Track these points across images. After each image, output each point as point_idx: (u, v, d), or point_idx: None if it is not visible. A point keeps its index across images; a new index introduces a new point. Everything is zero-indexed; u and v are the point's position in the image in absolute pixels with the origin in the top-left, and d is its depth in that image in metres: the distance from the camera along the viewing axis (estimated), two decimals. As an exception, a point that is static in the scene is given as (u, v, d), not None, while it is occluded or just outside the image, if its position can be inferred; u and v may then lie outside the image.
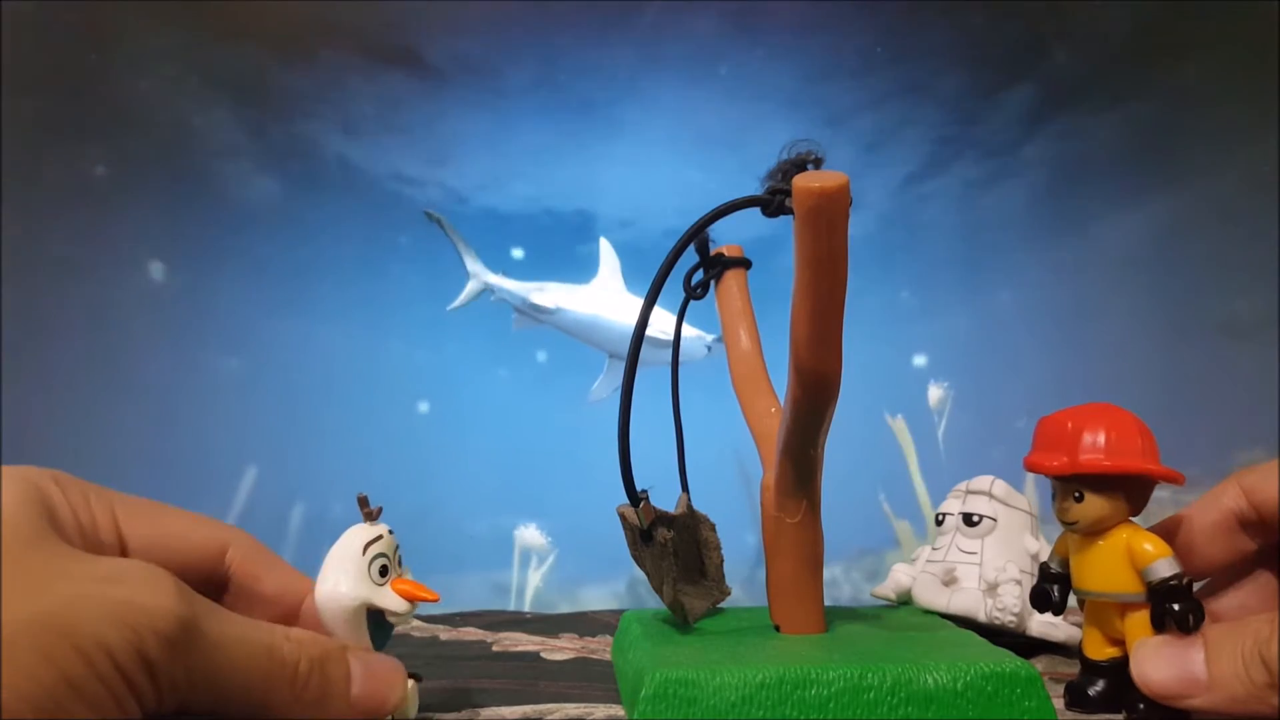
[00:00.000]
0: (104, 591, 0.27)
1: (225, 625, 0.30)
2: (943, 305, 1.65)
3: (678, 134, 1.65)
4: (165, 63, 1.54)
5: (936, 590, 0.51)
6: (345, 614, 0.34)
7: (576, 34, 1.61)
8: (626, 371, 0.40)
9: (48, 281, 1.50)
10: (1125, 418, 0.38)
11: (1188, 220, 1.55)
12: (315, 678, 0.32)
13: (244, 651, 0.30)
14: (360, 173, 1.63)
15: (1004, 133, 1.61)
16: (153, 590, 0.28)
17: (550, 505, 1.58)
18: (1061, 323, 1.61)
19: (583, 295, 1.69)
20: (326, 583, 0.34)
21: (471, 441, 1.63)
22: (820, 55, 1.62)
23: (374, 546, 0.35)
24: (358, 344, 1.62)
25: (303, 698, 0.31)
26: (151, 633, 0.27)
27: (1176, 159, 1.55)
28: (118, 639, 0.26)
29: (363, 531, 0.35)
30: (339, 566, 0.34)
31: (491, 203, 1.67)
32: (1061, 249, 1.61)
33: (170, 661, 0.27)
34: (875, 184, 1.62)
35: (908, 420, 1.57)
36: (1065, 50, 1.59)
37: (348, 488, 0.37)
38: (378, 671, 0.34)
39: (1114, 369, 1.55)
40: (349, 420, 1.60)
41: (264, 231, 1.60)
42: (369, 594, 0.34)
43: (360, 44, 1.58)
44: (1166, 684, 0.35)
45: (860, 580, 1.54)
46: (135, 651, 0.27)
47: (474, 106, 1.63)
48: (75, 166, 1.53)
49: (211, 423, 1.54)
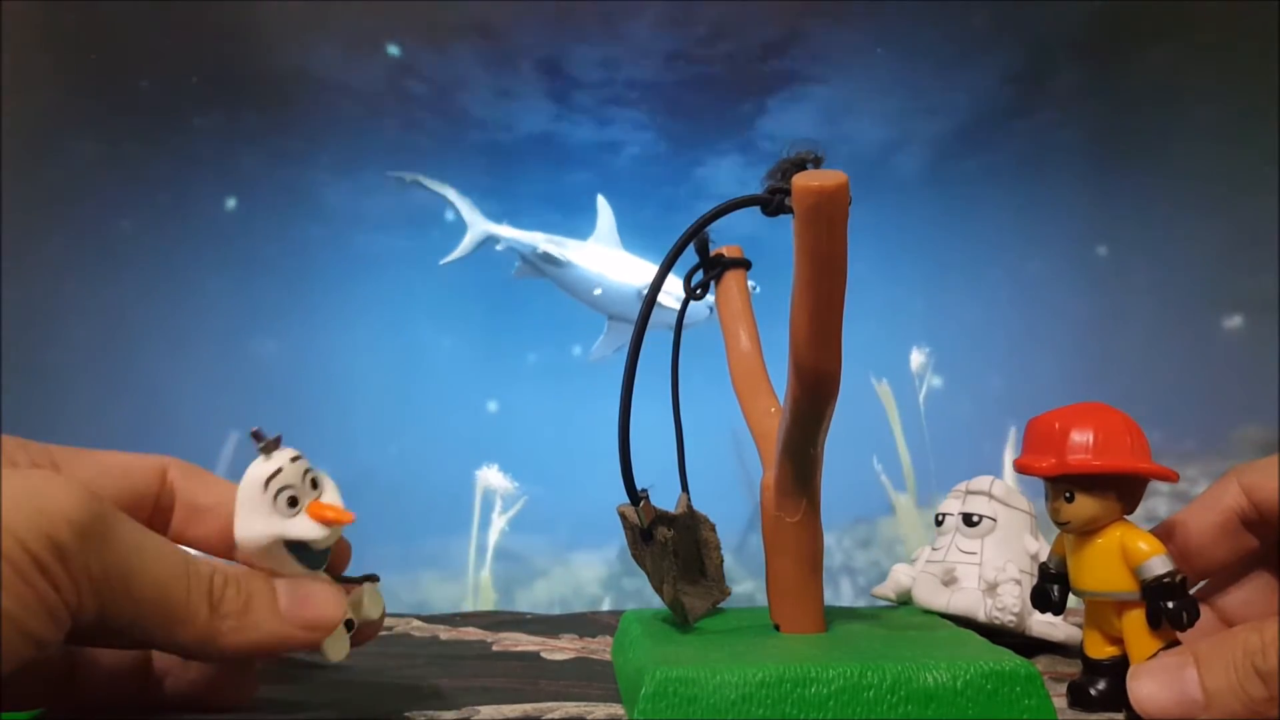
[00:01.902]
0: (13, 486, 0.28)
1: (139, 531, 0.30)
2: (940, 303, 1.66)
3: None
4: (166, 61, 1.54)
5: (936, 590, 0.51)
6: (260, 552, 0.33)
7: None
8: (626, 372, 0.40)
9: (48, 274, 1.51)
10: (1114, 417, 0.38)
11: (1187, 212, 1.55)
12: (232, 590, 0.32)
13: (157, 556, 0.30)
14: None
15: (1002, 125, 1.62)
16: (62, 486, 0.28)
17: (542, 471, 1.57)
18: (1061, 316, 1.61)
19: (585, 252, 1.63)
20: (239, 526, 0.33)
21: (456, 402, 1.61)
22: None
23: (275, 480, 0.33)
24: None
25: (221, 609, 0.31)
26: (63, 518, 0.27)
27: (1175, 151, 1.55)
28: (27, 524, 0.27)
29: (260, 466, 0.34)
30: (245, 507, 0.33)
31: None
32: (1060, 241, 1.62)
33: (84, 551, 0.28)
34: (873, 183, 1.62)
35: (891, 386, 1.57)
36: (1062, 46, 1.60)
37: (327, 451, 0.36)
38: (308, 588, 0.34)
39: (1111, 349, 1.56)
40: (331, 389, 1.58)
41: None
42: (279, 528, 0.33)
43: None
44: (1164, 707, 0.34)
45: (852, 548, 1.54)
46: (46, 536, 0.27)
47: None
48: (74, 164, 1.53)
49: (178, 366, 1.54)
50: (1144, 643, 0.37)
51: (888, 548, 1.55)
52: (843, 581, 1.54)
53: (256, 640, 0.32)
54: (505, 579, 1.57)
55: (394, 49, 1.60)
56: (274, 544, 0.33)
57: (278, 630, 0.33)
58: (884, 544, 1.56)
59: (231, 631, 0.32)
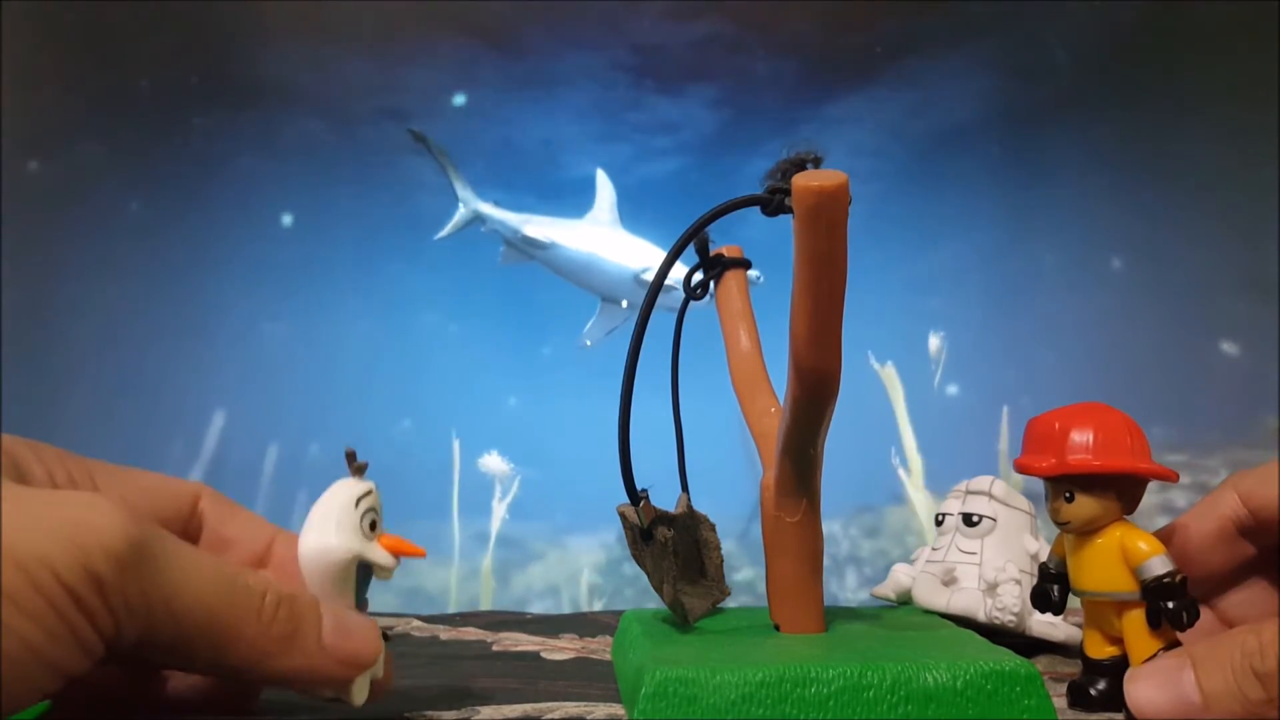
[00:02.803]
0: (50, 512, 0.27)
1: (184, 551, 0.29)
2: (942, 303, 1.65)
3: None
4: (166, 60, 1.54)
5: (936, 590, 0.51)
6: (335, 567, 0.33)
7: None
8: (626, 371, 0.40)
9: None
10: (1114, 417, 0.38)
11: (1189, 212, 1.56)
12: (285, 610, 0.31)
13: (204, 575, 0.29)
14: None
15: (999, 128, 1.62)
16: (100, 512, 0.27)
17: (543, 453, 1.56)
18: (1061, 310, 1.61)
19: (577, 232, 1.57)
20: (314, 535, 0.33)
21: (448, 385, 1.60)
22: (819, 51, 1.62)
23: (365, 500, 0.34)
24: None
25: (270, 632, 0.30)
26: (99, 549, 0.26)
27: (1177, 154, 1.55)
28: (62, 555, 0.26)
29: (353, 485, 0.34)
30: (329, 518, 0.33)
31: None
32: (1061, 240, 1.62)
33: (122, 581, 0.27)
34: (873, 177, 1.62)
35: (900, 374, 1.57)
36: (1062, 48, 1.60)
37: (322, 431, 0.37)
38: (350, 623, 0.33)
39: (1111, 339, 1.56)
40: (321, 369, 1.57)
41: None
42: (361, 547, 0.33)
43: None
44: (1161, 710, 0.34)
45: (859, 536, 1.54)
46: (81, 568, 0.26)
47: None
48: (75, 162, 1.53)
49: (178, 366, 1.53)
50: (1144, 643, 0.37)
51: (896, 538, 1.55)
52: (848, 572, 1.54)
53: (296, 667, 0.31)
54: (503, 565, 1.57)
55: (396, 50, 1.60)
56: (351, 562, 0.33)
57: (318, 662, 0.32)
58: (891, 534, 1.56)
59: (278, 655, 0.31)
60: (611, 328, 1.60)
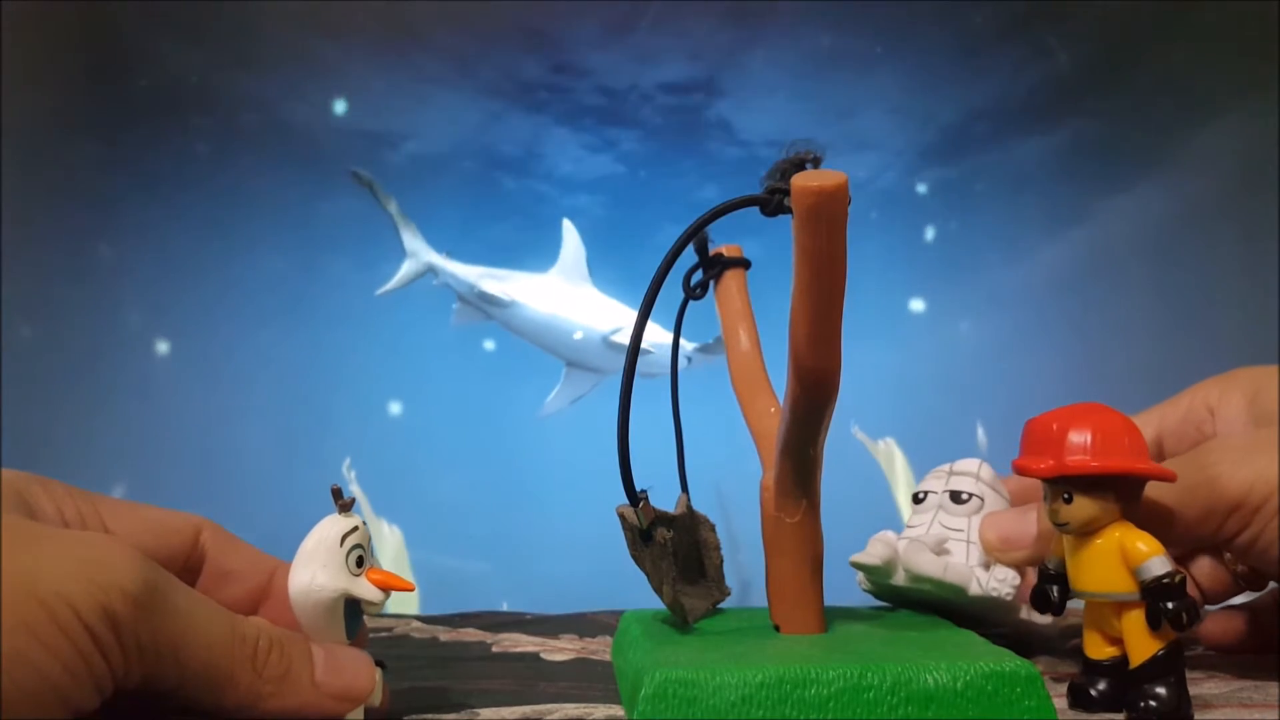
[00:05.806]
0: (70, 552, 0.28)
1: (190, 597, 0.30)
2: (945, 307, 1.66)
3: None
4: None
5: (928, 556, 0.48)
6: (323, 606, 0.33)
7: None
8: (626, 370, 0.40)
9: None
10: (1112, 417, 0.38)
11: (1190, 210, 1.56)
12: (276, 654, 0.32)
13: (206, 623, 0.30)
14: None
15: (1007, 124, 1.62)
16: (119, 554, 0.28)
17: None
18: (1061, 308, 1.61)
19: (541, 287, 1.41)
20: (303, 574, 0.33)
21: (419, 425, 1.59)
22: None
23: (351, 537, 0.34)
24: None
25: (265, 674, 0.31)
26: (117, 589, 0.27)
27: (1177, 150, 1.55)
28: (82, 594, 0.27)
29: (339, 522, 0.34)
30: (315, 558, 0.34)
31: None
32: (1062, 238, 1.62)
33: (136, 621, 0.28)
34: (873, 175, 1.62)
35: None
36: (1063, 45, 1.60)
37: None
38: (342, 659, 0.34)
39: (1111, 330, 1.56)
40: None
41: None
42: (348, 584, 0.34)
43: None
44: (1004, 537, 0.46)
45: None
46: (100, 606, 0.27)
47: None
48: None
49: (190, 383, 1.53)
50: (1144, 643, 0.37)
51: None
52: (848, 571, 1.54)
53: (292, 707, 0.32)
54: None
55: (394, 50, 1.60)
56: (338, 600, 0.34)
57: (312, 700, 0.33)
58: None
59: (271, 696, 0.31)
60: (577, 396, 1.43)
